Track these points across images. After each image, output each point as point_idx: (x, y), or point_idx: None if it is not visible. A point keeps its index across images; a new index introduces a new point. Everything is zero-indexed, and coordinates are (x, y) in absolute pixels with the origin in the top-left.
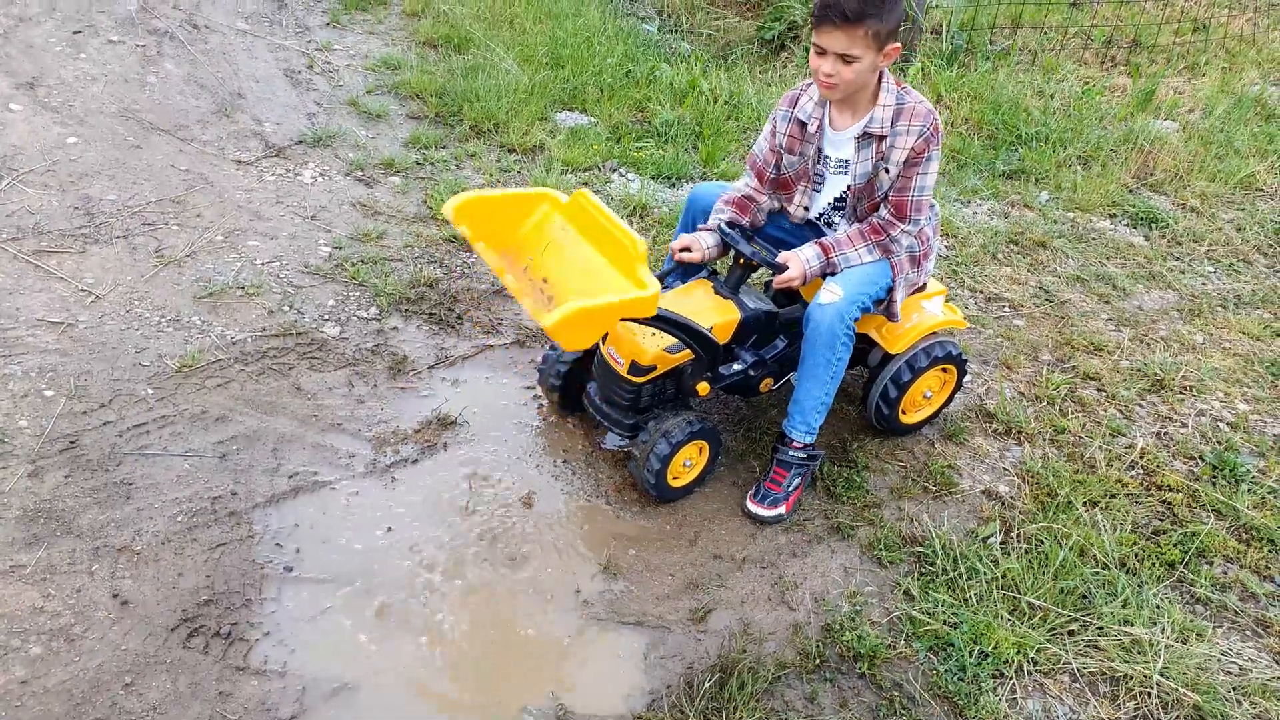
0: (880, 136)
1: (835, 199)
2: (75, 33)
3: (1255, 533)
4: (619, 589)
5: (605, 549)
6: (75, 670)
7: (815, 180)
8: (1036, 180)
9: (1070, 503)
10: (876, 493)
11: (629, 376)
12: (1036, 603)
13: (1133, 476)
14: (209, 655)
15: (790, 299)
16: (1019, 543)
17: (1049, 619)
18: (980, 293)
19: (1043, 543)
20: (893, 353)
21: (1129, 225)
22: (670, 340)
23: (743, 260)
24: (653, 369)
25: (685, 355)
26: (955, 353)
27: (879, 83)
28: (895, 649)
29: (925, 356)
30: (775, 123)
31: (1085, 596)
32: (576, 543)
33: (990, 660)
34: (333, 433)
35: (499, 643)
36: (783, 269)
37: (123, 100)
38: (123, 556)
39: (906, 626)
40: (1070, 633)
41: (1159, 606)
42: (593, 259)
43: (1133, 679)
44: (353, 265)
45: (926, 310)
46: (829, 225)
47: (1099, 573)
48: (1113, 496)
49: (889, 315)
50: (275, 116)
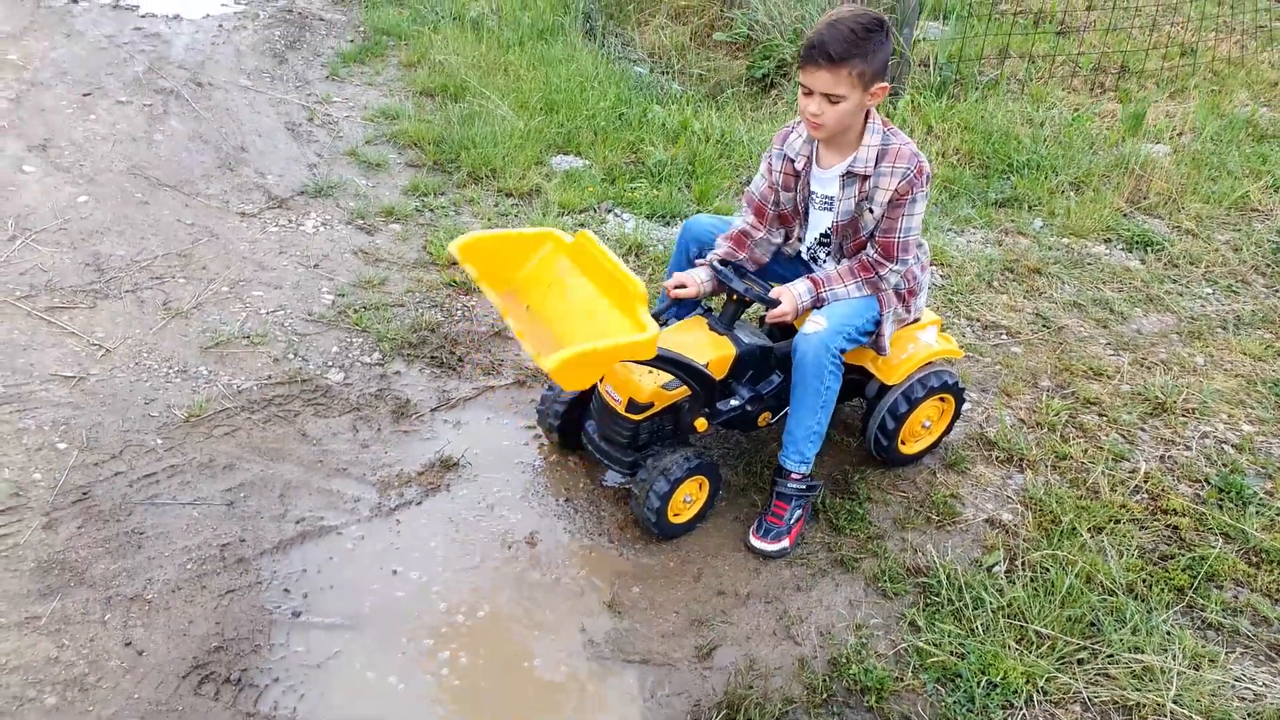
0: (864, 176)
1: (821, 235)
2: (85, 95)
3: (1265, 555)
4: (624, 627)
5: (609, 587)
6: None
7: (805, 216)
8: (1030, 207)
9: (1075, 529)
10: (879, 524)
11: (627, 414)
12: (1044, 631)
13: (1137, 501)
14: (219, 702)
15: (785, 333)
16: (1024, 571)
17: (1057, 647)
18: (977, 321)
19: (1048, 570)
20: (889, 384)
21: (1124, 249)
22: (667, 377)
23: (736, 296)
24: (650, 406)
25: (682, 392)
26: (952, 382)
27: (865, 122)
28: (902, 681)
29: (921, 387)
30: (770, 160)
31: (1094, 624)
32: (580, 581)
33: (999, 691)
34: (338, 478)
35: (506, 683)
36: (776, 304)
37: (131, 158)
38: (134, 605)
39: (913, 658)
40: (1080, 661)
41: (1169, 633)
42: (595, 300)
43: (1145, 707)
44: (355, 312)
45: (921, 341)
46: (814, 260)
47: (1107, 599)
48: (1118, 522)
49: (877, 349)
50: (277, 169)
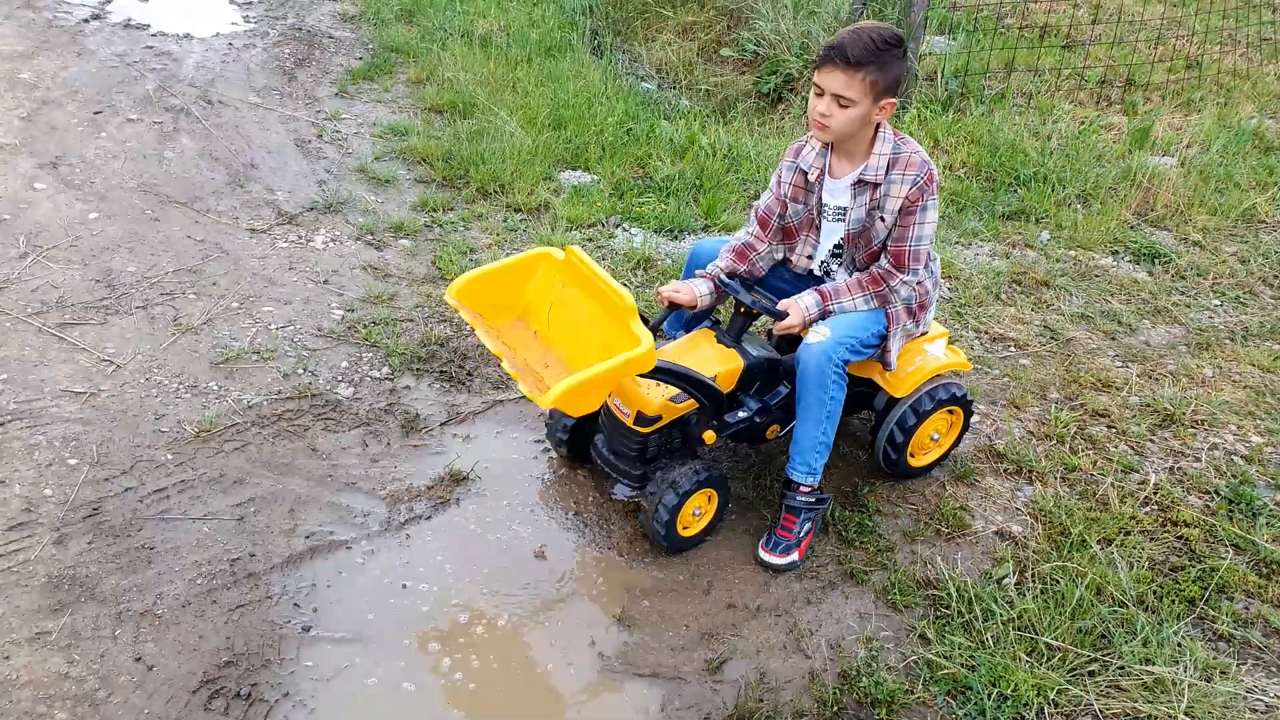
0: (875, 184)
1: (834, 247)
2: (96, 113)
3: (1276, 566)
4: (634, 640)
5: (619, 600)
6: None
7: (816, 229)
8: (1037, 220)
9: (1085, 541)
10: (889, 537)
11: (635, 427)
12: (1054, 643)
13: (1147, 513)
14: (230, 717)
15: (793, 346)
16: (1034, 583)
17: (1068, 659)
18: (985, 333)
19: (1058, 582)
20: (897, 396)
21: (1132, 261)
22: (675, 390)
23: (743, 309)
24: (658, 419)
25: (690, 405)
26: (960, 394)
27: (876, 132)
28: (913, 694)
29: (930, 400)
30: (781, 173)
31: (1104, 636)
32: (590, 594)
33: (1010, 703)
34: (348, 492)
35: (516, 696)
36: (783, 316)
37: (141, 175)
38: (145, 620)
39: (924, 671)
40: (1091, 673)
41: (1180, 644)
42: (593, 316)
43: (1157, 719)
44: (365, 327)
45: (929, 353)
46: (828, 274)
47: (1117, 611)
48: (1128, 533)
49: (884, 364)
50: (287, 185)
